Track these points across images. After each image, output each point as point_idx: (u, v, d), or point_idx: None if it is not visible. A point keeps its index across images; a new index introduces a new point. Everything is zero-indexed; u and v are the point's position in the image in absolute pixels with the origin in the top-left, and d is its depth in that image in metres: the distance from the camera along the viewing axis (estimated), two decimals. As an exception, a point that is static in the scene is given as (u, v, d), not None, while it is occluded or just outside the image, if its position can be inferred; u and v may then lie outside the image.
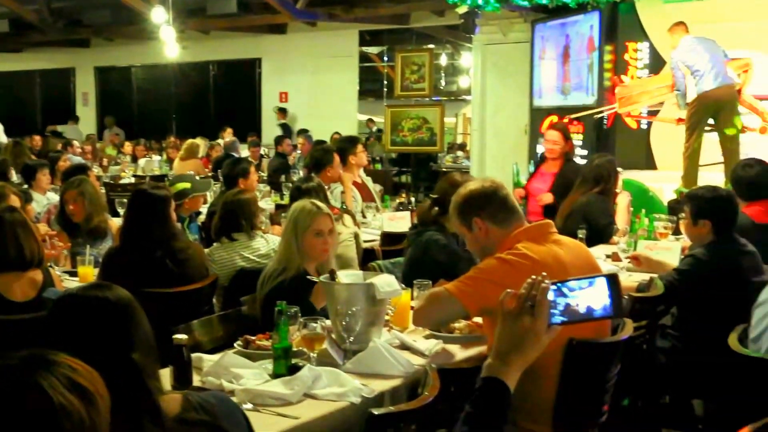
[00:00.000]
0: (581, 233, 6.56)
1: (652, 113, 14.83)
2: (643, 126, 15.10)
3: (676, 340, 5.48)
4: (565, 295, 2.48)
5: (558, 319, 2.47)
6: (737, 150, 11.23)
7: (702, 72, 11.21)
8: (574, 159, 8.71)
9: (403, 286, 4.73)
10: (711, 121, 11.44)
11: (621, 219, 7.66)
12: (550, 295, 2.45)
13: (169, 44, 18.24)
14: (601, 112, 13.98)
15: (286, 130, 20.89)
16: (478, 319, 4.47)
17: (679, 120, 12.86)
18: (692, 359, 5.23)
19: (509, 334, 2.45)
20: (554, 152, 8.58)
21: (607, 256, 6.83)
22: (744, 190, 6.76)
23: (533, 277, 2.49)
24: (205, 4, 20.41)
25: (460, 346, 4.45)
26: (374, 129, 22.93)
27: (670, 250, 6.57)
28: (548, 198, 8.32)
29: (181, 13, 18.96)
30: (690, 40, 11.63)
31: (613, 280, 2.51)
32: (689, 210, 5.74)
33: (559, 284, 2.49)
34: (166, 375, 3.46)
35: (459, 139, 25.08)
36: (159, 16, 17.64)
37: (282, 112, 21.99)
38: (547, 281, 2.46)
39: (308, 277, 4.74)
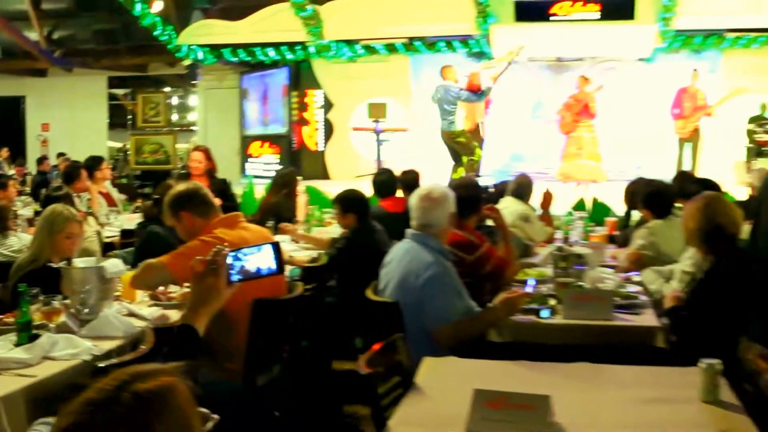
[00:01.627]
0: (270, 224, 6.45)
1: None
2: (320, 149, 15.41)
3: (337, 296, 5.50)
4: (240, 259, 2.44)
5: (235, 277, 2.42)
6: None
7: None
8: (216, 175, 8.04)
9: (129, 267, 4.51)
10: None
11: (301, 213, 7.69)
12: (229, 260, 2.40)
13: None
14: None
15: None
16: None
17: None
18: (348, 309, 5.24)
19: (198, 290, 2.40)
20: (198, 169, 7.78)
21: (292, 240, 6.80)
22: (379, 189, 6.96)
23: (217, 246, 2.44)
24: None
25: (176, 310, 4.22)
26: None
27: (333, 234, 6.61)
28: (217, 201, 7.98)
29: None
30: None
31: (276, 246, 2.50)
32: (339, 207, 5.84)
33: (236, 251, 2.44)
34: None
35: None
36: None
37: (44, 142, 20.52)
38: (226, 249, 2.42)
39: (50, 264, 4.39)
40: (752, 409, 2.71)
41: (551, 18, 12.90)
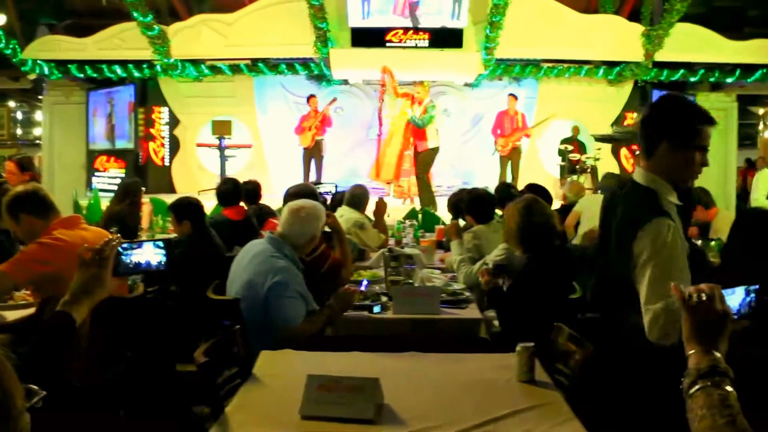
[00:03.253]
0: (114, 230, 6.18)
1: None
2: (167, 164, 15.11)
3: (179, 299, 5.31)
4: (126, 254, 2.33)
5: (121, 270, 2.33)
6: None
7: None
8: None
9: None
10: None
11: (145, 221, 7.41)
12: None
13: None
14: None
15: None
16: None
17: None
18: (190, 309, 5.09)
19: (82, 279, 2.26)
20: (11, 180, 7.03)
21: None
22: (223, 199, 6.76)
23: (110, 237, 2.32)
24: None
25: (12, 311, 3.99)
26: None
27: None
28: None
29: None
30: None
31: (167, 243, 2.40)
32: (174, 215, 5.62)
33: (123, 245, 2.32)
34: None
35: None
36: None
37: None
38: (116, 240, 2.30)
39: None
40: (563, 386, 2.82)
41: (387, 44, 13.11)
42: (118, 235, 2.40)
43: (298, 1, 12.74)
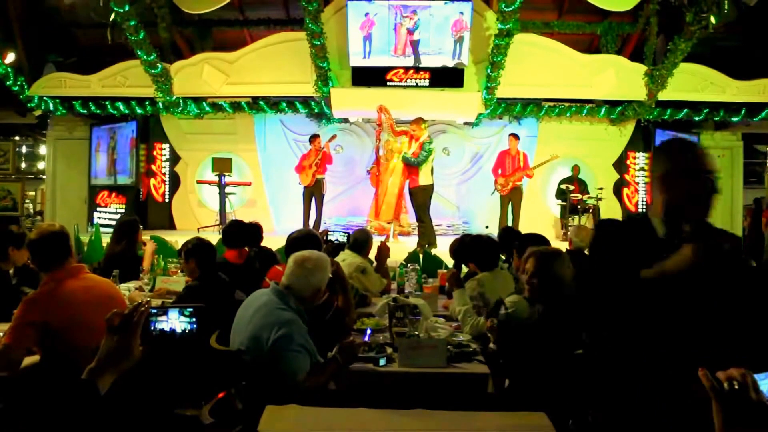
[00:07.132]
0: (115, 272, 6.10)
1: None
2: (167, 200, 15.18)
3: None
4: (153, 321, 2.21)
5: (148, 338, 2.19)
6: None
7: None
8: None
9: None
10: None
11: (146, 262, 7.25)
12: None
13: None
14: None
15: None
16: None
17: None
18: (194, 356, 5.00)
19: (108, 347, 2.11)
20: None
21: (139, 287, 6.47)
22: (227, 239, 6.70)
23: (140, 301, 2.19)
24: None
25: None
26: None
27: (179, 282, 6.29)
28: None
29: None
30: None
31: (197, 310, 2.29)
32: (183, 253, 5.51)
33: (154, 310, 2.21)
34: None
35: (39, 207, 23.42)
36: None
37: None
38: (146, 306, 2.17)
39: None
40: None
41: (387, 84, 13.13)
42: (148, 300, 2.32)
43: (300, 41, 12.81)
